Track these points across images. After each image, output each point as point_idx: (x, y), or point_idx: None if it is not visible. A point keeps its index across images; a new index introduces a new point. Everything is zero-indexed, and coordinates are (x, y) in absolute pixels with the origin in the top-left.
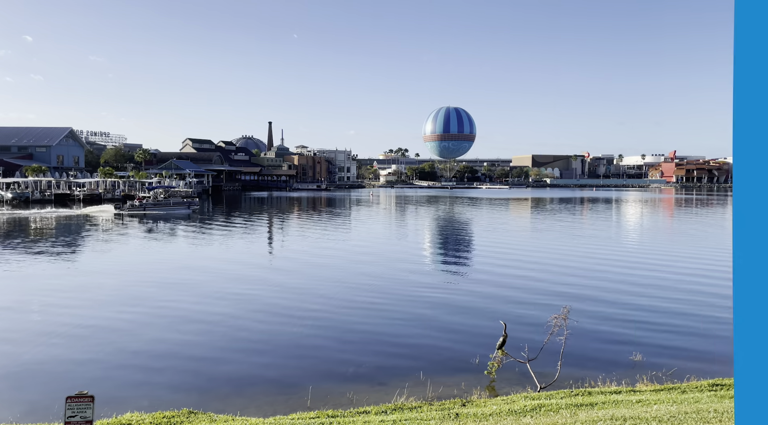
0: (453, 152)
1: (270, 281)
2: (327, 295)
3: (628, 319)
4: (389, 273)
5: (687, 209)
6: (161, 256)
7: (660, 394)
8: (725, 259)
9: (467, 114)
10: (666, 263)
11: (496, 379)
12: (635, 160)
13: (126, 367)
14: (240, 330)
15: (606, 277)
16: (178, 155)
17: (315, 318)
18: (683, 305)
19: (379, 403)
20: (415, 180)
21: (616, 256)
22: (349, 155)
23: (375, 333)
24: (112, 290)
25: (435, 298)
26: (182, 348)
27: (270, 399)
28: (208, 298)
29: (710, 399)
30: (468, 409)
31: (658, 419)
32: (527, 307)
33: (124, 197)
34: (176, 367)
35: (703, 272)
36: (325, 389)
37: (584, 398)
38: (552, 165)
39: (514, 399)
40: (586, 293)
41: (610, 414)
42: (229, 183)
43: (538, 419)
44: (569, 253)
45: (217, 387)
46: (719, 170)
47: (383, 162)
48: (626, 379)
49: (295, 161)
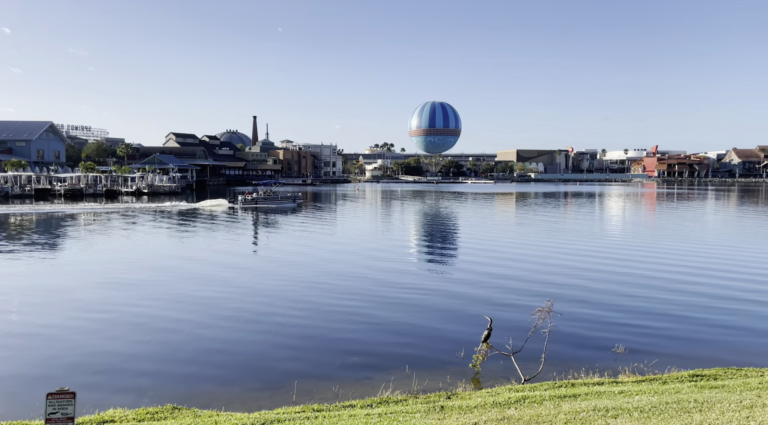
0: (438, 147)
1: (256, 276)
2: (312, 290)
3: (610, 312)
4: (375, 268)
5: (668, 204)
6: (148, 249)
7: (641, 385)
8: (705, 253)
9: (453, 109)
10: (647, 257)
11: (480, 372)
12: (618, 155)
13: (109, 363)
14: (225, 325)
15: (589, 271)
16: (162, 150)
17: (300, 313)
18: (664, 298)
19: (365, 397)
20: (401, 175)
21: (599, 250)
22: (334, 149)
23: (361, 327)
24: (82, 288)
25: (421, 292)
26: (166, 343)
27: (255, 394)
28: (192, 293)
29: (690, 389)
30: (453, 402)
31: (639, 409)
32: (512, 300)
33: (107, 191)
34: (160, 363)
35: (683, 266)
36: (310, 383)
37: (567, 389)
38: (536, 160)
39: (498, 391)
40: (570, 287)
41: (592, 405)
42: (214, 178)
43: (522, 411)
44: (553, 247)
45: (201, 382)
46: (700, 164)
47: (369, 157)
48: (609, 370)
49: (280, 155)
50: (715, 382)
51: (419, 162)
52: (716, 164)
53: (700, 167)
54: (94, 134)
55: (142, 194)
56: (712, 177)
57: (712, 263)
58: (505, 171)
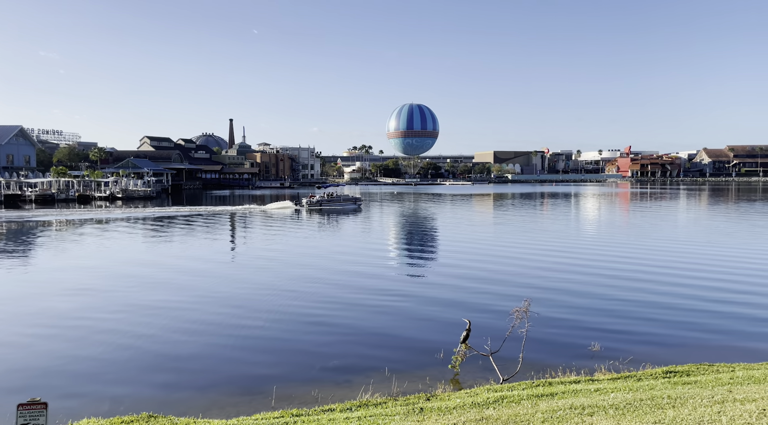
0: (416, 149)
1: (233, 280)
2: (291, 293)
3: (586, 310)
4: (353, 270)
5: (642, 204)
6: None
7: (617, 382)
8: (677, 252)
9: (430, 111)
10: (622, 257)
11: (460, 373)
12: (593, 155)
13: (83, 372)
14: (202, 330)
15: (565, 271)
16: (136, 154)
17: (279, 317)
18: (639, 297)
19: (345, 400)
20: (380, 177)
21: (575, 250)
22: (312, 152)
23: (340, 330)
24: (75, 290)
25: (399, 295)
26: (142, 350)
27: (233, 400)
28: (167, 297)
29: (664, 385)
30: (432, 403)
31: (615, 407)
32: (490, 301)
33: (79, 196)
34: (136, 370)
35: (657, 265)
36: (290, 388)
37: (545, 388)
38: (513, 161)
39: (477, 391)
40: (547, 287)
41: (569, 404)
42: (190, 182)
43: (500, 410)
44: (530, 248)
45: (178, 389)
46: (671, 164)
47: (347, 159)
48: (585, 369)
49: (257, 158)
50: (687, 378)
51: (398, 164)
52: (687, 163)
53: (672, 166)
54: (65, 138)
55: (115, 199)
56: (683, 177)
57: (683, 261)
58: (482, 172)
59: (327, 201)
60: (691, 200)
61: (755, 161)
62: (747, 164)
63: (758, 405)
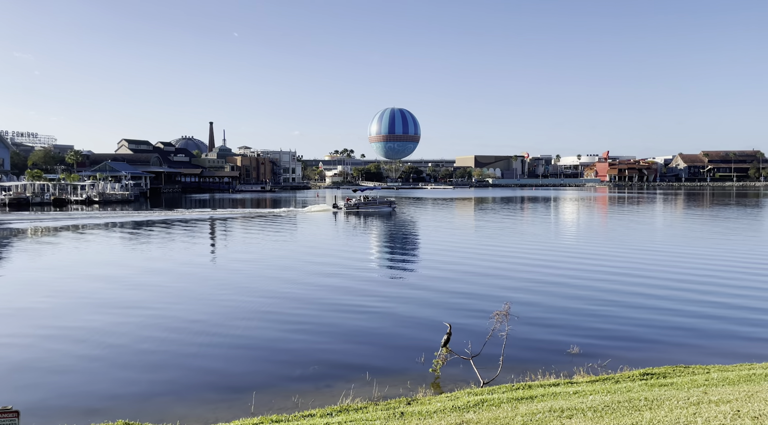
0: (398, 153)
1: (213, 284)
2: (271, 297)
3: (566, 313)
4: (334, 273)
5: (620, 208)
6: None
7: (595, 385)
8: (653, 255)
9: (412, 115)
10: (600, 260)
11: (440, 376)
12: (572, 160)
13: (56, 379)
14: (179, 335)
15: (545, 273)
16: (114, 157)
17: (258, 321)
18: (616, 299)
19: (325, 405)
20: (361, 181)
21: (554, 253)
22: (294, 155)
23: (321, 334)
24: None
25: (380, 299)
26: (117, 355)
27: (212, 406)
28: (144, 301)
29: (641, 387)
30: (413, 407)
31: (593, 409)
32: (470, 304)
33: (55, 200)
34: (111, 377)
35: (634, 268)
36: (269, 393)
37: (525, 391)
38: (494, 165)
39: (457, 395)
40: (527, 289)
41: (548, 406)
42: (169, 185)
43: (480, 414)
44: (510, 250)
45: (155, 396)
46: (648, 169)
47: (329, 163)
48: (564, 371)
49: (238, 162)
50: (664, 380)
51: (379, 168)
52: (664, 168)
53: (648, 171)
54: (41, 141)
55: (92, 203)
56: (660, 181)
57: (660, 265)
58: (463, 177)
59: (364, 204)
60: (667, 204)
61: (729, 167)
62: (721, 169)
63: (732, 407)
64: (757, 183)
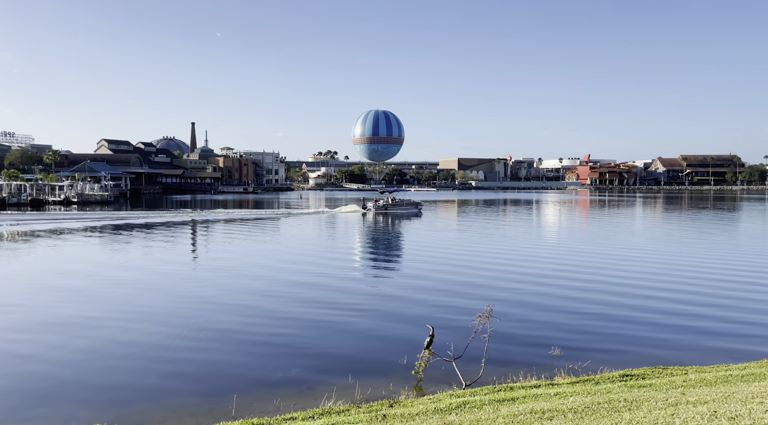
0: (382, 155)
1: (191, 288)
2: (251, 301)
3: (547, 315)
4: (316, 278)
5: (600, 210)
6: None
7: (576, 386)
8: (633, 256)
9: (396, 117)
10: (581, 262)
11: (423, 379)
12: (553, 163)
13: (32, 385)
14: (159, 339)
15: (527, 275)
16: (93, 157)
17: (239, 324)
18: (597, 301)
19: (307, 408)
20: (345, 183)
21: (536, 255)
22: (277, 157)
23: (303, 338)
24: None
25: (363, 300)
26: (95, 359)
27: (192, 410)
28: (123, 305)
29: (621, 389)
30: (395, 410)
31: (573, 410)
32: (453, 306)
33: (32, 200)
34: (88, 382)
35: (614, 269)
36: (250, 397)
37: (506, 393)
38: (477, 168)
39: (440, 397)
40: (509, 292)
41: (530, 408)
42: (149, 186)
43: (462, 416)
44: (493, 253)
45: (134, 400)
46: (628, 172)
47: (312, 165)
48: (545, 373)
49: (220, 163)
50: (643, 381)
51: (363, 170)
52: (643, 172)
53: (628, 175)
54: (18, 140)
55: (71, 203)
56: (639, 185)
57: (639, 268)
58: (447, 179)
59: (392, 205)
60: (646, 207)
61: (707, 170)
62: (699, 173)
63: (710, 407)
64: (734, 187)
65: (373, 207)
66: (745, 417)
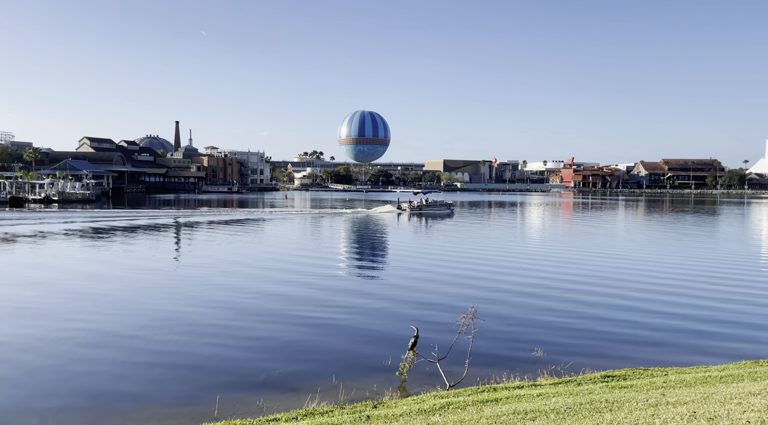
0: (368, 156)
1: (173, 289)
2: (235, 302)
3: (531, 316)
4: (301, 278)
5: (583, 213)
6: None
7: (558, 387)
8: (616, 259)
9: (382, 118)
10: (564, 263)
11: (407, 380)
12: (538, 166)
13: (9, 384)
14: (140, 340)
15: (511, 276)
16: (75, 155)
17: (223, 326)
18: (580, 302)
19: (290, 409)
20: (331, 183)
21: (520, 257)
22: (262, 156)
23: (287, 338)
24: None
25: (347, 301)
26: (74, 361)
27: (174, 412)
28: (103, 307)
29: (602, 389)
30: (379, 411)
31: (556, 411)
32: (437, 308)
33: (11, 199)
34: (69, 381)
35: (597, 272)
36: (233, 398)
37: (490, 394)
38: (462, 170)
39: (424, 398)
40: (494, 293)
41: (513, 409)
42: (132, 185)
43: (446, 417)
44: (477, 255)
45: (115, 400)
46: (611, 176)
47: (298, 165)
48: (528, 374)
49: (204, 162)
50: (624, 382)
51: (349, 171)
52: (626, 175)
53: (611, 178)
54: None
55: (51, 202)
56: (622, 188)
57: (622, 270)
58: (432, 181)
59: (426, 206)
60: (628, 210)
61: (688, 174)
62: (680, 176)
63: (689, 408)
64: (714, 191)
65: (408, 208)
66: (723, 417)
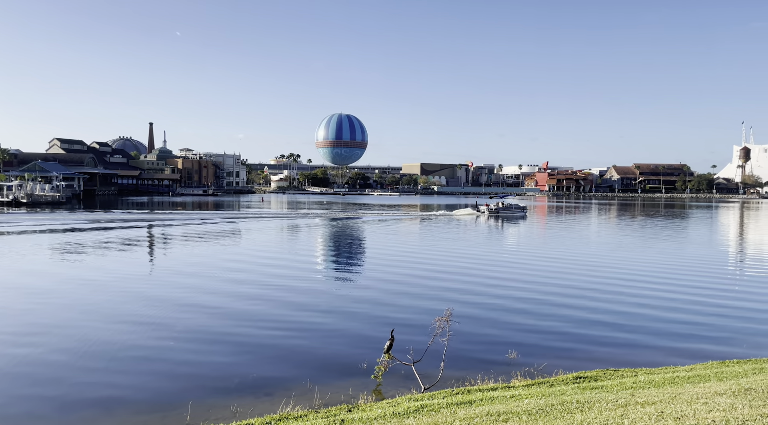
0: (345, 159)
1: (144, 293)
2: (209, 305)
3: (505, 318)
4: (274, 281)
5: (557, 216)
6: None
7: (531, 389)
8: (587, 262)
9: (359, 121)
10: (537, 266)
11: (382, 383)
12: (513, 170)
13: None
14: (110, 345)
15: (485, 279)
16: (44, 156)
17: (196, 330)
18: (552, 305)
19: (264, 414)
20: (308, 186)
21: (494, 261)
22: (238, 159)
23: (261, 342)
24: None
25: (322, 305)
26: (40, 366)
27: (144, 418)
28: (71, 312)
29: (574, 390)
30: (354, 414)
31: (528, 412)
32: (412, 310)
33: None
34: (38, 386)
35: (569, 275)
36: (206, 403)
37: (464, 396)
38: (439, 173)
39: (398, 401)
40: (468, 295)
41: (486, 410)
42: (104, 187)
43: (420, 419)
44: (452, 258)
45: (85, 406)
46: (585, 180)
47: (274, 168)
48: (502, 376)
49: (179, 164)
50: (595, 383)
51: (326, 174)
52: (599, 179)
53: (585, 182)
54: None
55: (20, 205)
56: (595, 192)
57: (593, 273)
58: (409, 184)
59: (503, 209)
60: (601, 213)
61: (658, 179)
62: (651, 181)
63: (657, 408)
64: (683, 195)
65: (486, 211)
66: (690, 417)
